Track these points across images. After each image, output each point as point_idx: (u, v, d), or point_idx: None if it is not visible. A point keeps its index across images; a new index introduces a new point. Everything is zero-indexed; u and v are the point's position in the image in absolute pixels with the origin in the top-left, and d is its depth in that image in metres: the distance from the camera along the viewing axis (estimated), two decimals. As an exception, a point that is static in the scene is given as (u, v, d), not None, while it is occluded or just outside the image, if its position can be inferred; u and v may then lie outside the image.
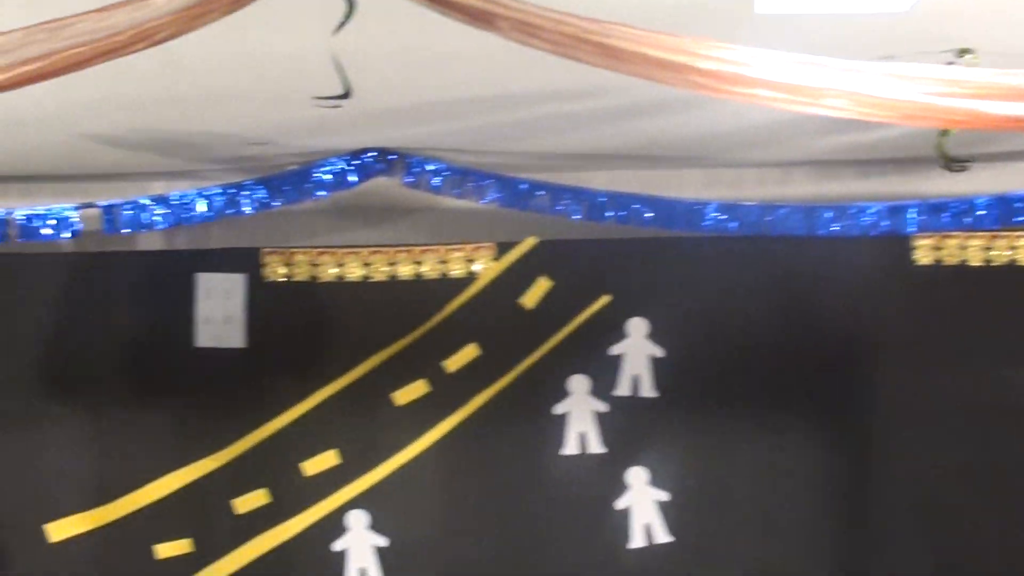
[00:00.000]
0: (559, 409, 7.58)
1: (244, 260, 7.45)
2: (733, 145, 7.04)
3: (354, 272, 7.51)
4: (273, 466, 7.43)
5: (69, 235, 7.18)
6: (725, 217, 7.33)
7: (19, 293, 7.34)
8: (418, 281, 7.54)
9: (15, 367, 7.33)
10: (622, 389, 7.61)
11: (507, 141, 6.89)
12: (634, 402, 7.62)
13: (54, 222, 7.12)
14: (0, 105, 4.62)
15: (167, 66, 4.94)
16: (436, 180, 7.16)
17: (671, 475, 7.63)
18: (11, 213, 7.14)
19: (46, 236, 7.15)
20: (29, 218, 7.14)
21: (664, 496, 7.60)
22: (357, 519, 7.46)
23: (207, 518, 7.41)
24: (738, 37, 4.03)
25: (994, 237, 7.44)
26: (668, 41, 3.96)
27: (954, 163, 6.91)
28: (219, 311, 7.40)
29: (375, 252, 7.54)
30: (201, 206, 7.14)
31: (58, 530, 7.30)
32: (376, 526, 7.47)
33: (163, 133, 6.43)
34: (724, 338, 7.61)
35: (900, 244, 7.46)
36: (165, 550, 7.34)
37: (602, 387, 7.61)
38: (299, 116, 6.08)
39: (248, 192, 7.14)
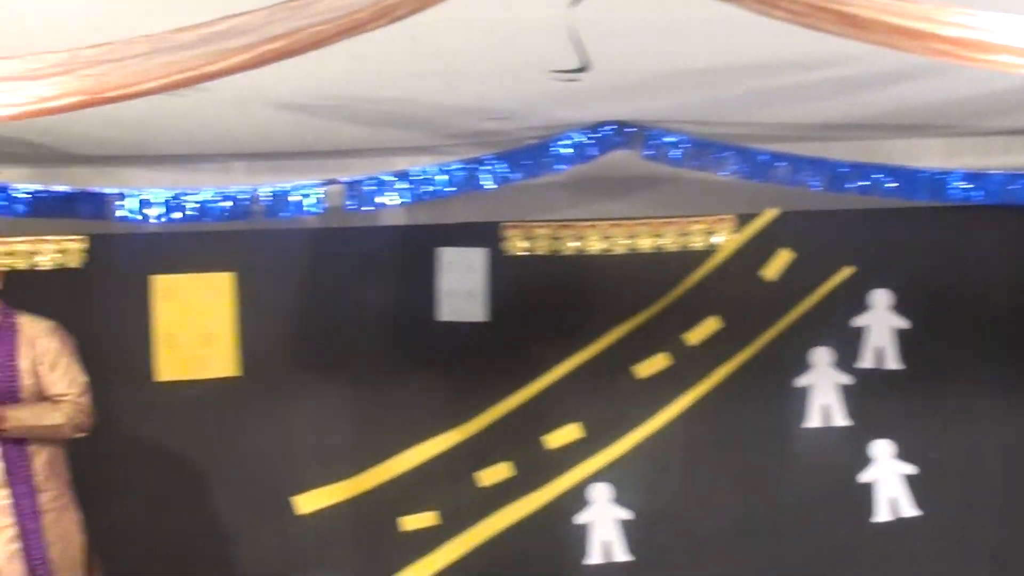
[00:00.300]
0: (801, 382, 7.52)
1: (485, 234, 7.52)
2: (976, 113, 6.88)
3: (594, 245, 7.53)
4: (516, 439, 7.48)
5: (314, 211, 7.34)
6: (970, 186, 7.20)
7: (265, 269, 7.48)
8: (658, 254, 7.53)
9: (264, 342, 7.48)
10: (866, 361, 7.52)
11: (746, 112, 6.83)
12: (879, 374, 7.52)
13: (299, 199, 7.28)
14: (244, 84, 4.72)
15: (407, 42, 5.00)
16: (675, 152, 7.13)
17: (918, 448, 7.52)
18: (257, 190, 7.32)
19: (292, 212, 7.32)
20: (275, 195, 7.31)
21: (911, 469, 7.48)
22: (600, 492, 7.48)
23: (452, 491, 7.49)
24: (979, 3, 3.94)
25: None
26: (909, 8, 3.89)
27: None
28: (461, 285, 7.46)
29: (615, 225, 7.54)
30: (442, 181, 7.21)
31: (306, 502, 7.45)
32: (619, 499, 7.49)
33: (404, 109, 6.50)
34: (970, 309, 7.47)
35: None
36: (411, 522, 7.44)
37: (845, 359, 7.53)
38: (538, 89, 6.09)
39: (488, 166, 7.20)
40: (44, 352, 6.26)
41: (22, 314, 6.33)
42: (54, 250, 7.32)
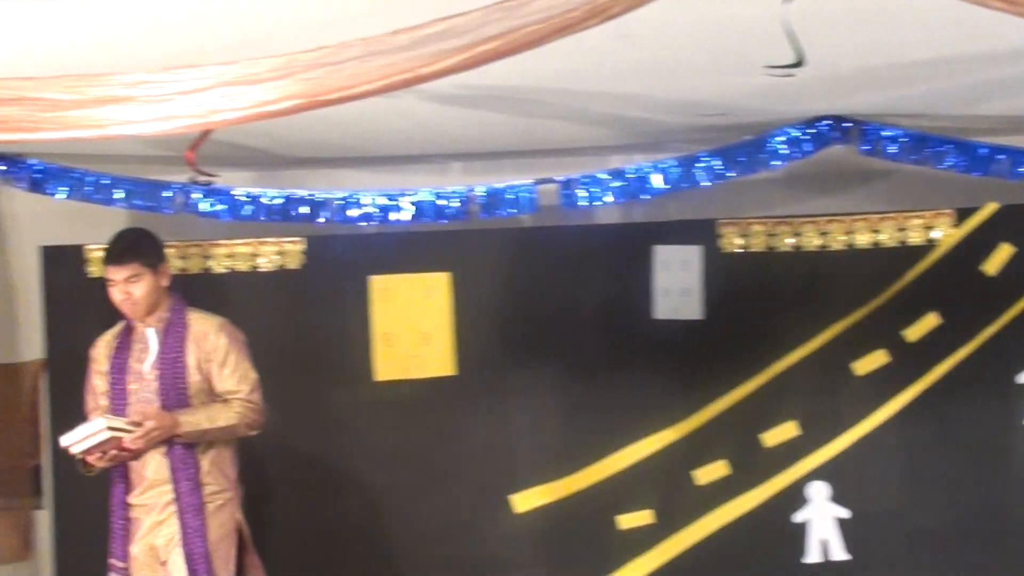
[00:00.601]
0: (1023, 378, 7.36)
1: (701, 231, 7.47)
2: None
3: (811, 242, 7.45)
4: (733, 437, 7.44)
5: (528, 210, 7.37)
6: None
7: (481, 268, 7.54)
8: (876, 249, 7.43)
9: (480, 342, 7.52)
10: (1092, 358, 7.34)
11: (965, 104, 6.70)
12: (1108, 371, 7.34)
13: (513, 198, 7.32)
14: (457, 83, 4.77)
15: (620, 40, 4.99)
16: (893, 147, 7.02)
17: None
18: (472, 190, 7.37)
19: (506, 212, 7.36)
20: (490, 194, 7.36)
21: None
22: (818, 491, 7.40)
23: (668, 489, 7.46)
24: None
25: None
26: None
27: None
28: (676, 283, 7.43)
29: (832, 221, 7.46)
30: (656, 179, 7.19)
31: (523, 501, 7.48)
32: (837, 497, 7.40)
33: (618, 107, 6.50)
34: None
35: None
36: (627, 521, 7.43)
37: (1070, 354, 7.36)
38: (753, 85, 6.05)
39: (703, 163, 7.16)
40: (213, 349, 6.30)
41: (193, 311, 6.40)
42: (274, 252, 7.45)
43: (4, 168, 7.29)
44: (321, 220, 7.44)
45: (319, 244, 7.51)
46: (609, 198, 7.23)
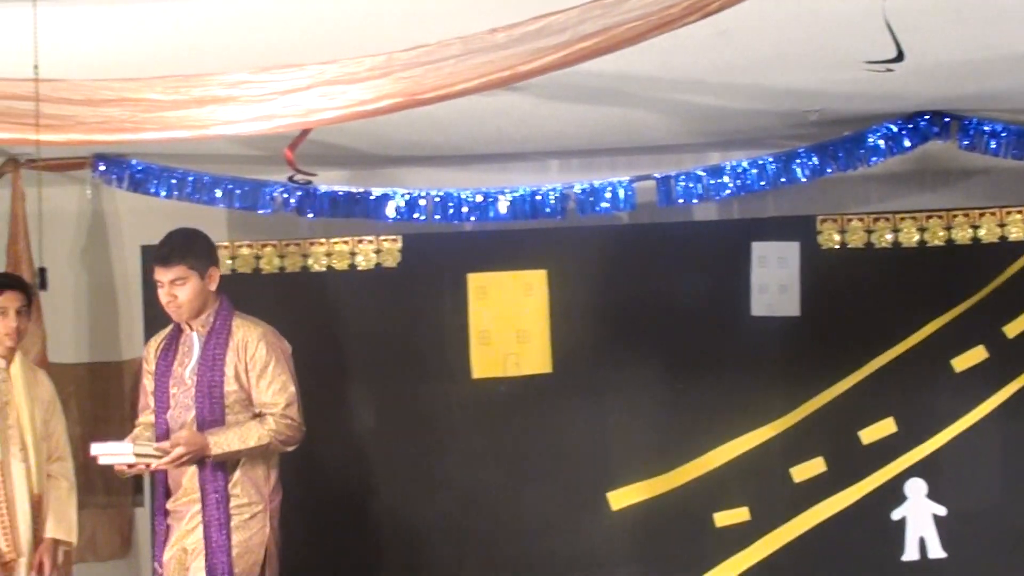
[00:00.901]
0: (1124, 375, 7.27)
1: (799, 228, 7.42)
2: None
3: (910, 238, 7.37)
4: (830, 434, 7.37)
5: (626, 207, 7.37)
6: None
7: (578, 266, 7.51)
8: (975, 245, 7.34)
9: (576, 339, 7.51)
10: None
11: (1067, 98, 6.65)
12: None
13: (611, 195, 7.32)
14: (554, 81, 4.78)
15: (719, 36, 4.99)
16: (993, 142, 6.98)
17: None
18: (570, 187, 7.38)
19: (604, 209, 7.36)
20: (587, 191, 7.36)
21: None
22: (916, 488, 7.33)
23: (764, 487, 7.42)
24: None
25: None
26: None
27: None
28: (774, 279, 7.39)
29: (931, 216, 7.38)
30: (754, 175, 7.18)
31: (619, 498, 7.47)
32: (934, 495, 7.33)
33: (716, 103, 6.48)
34: None
35: None
36: (724, 518, 7.40)
37: None
38: (852, 80, 6.02)
39: (802, 159, 7.14)
40: (252, 359, 6.15)
41: (239, 317, 6.27)
42: (371, 250, 7.47)
43: (105, 168, 7.38)
44: (418, 218, 7.48)
45: (416, 242, 7.53)
46: (707, 195, 7.23)
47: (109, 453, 5.96)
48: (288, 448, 6.23)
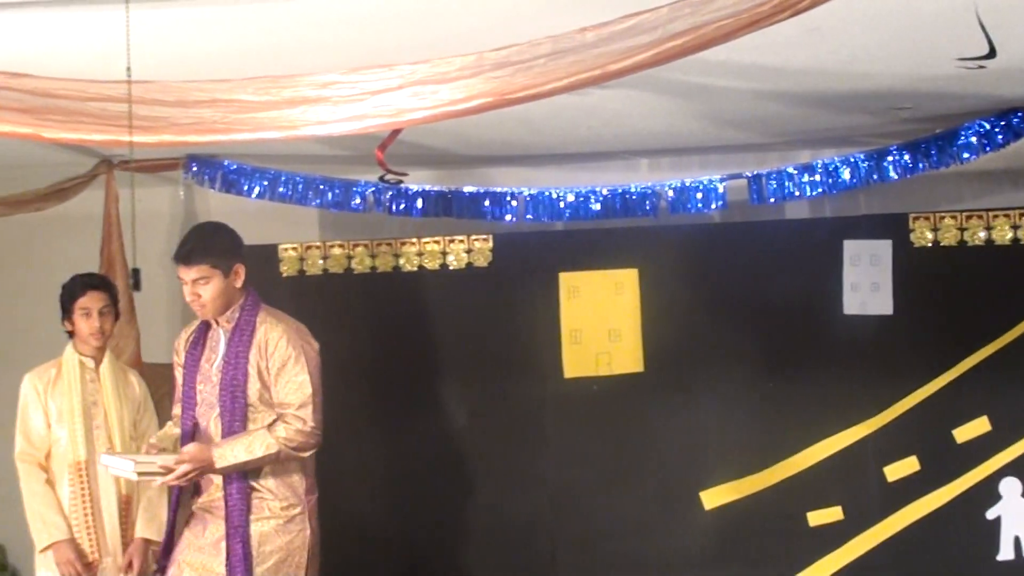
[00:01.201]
0: None
1: (891, 225, 7.38)
2: None
3: (1003, 235, 7.31)
4: (924, 433, 7.33)
5: (717, 206, 7.35)
6: None
7: (669, 265, 7.49)
8: (1071, 243, 7.30)
9: (667, 338, 7.49)
10: None
11: None
12: None
13: (702, 194, 7.31)
14: (645, 80, 4.77)
15: (809, 34, 4.96)
16: (1089, 139, 6.92)
17: None
18: (662, 186, 7.37)
19: (695, 208, 7.35)
20: (678, 191, 7.35)
21: None
22: (1011, 487, 7.27)
23: (857, 486, 7.38)
24: None
25: None
26: None
27: None
28: (866, 278, 7.35)
29: (1025, 213, 7.35)
30: (846, 173, 7.16)
31: (712, 497, 7.45)
32: (1030, 494, 7.29)
33: (807, 101, 6.45)
34: None
35: None
36: (817, 517, 7.37)
37: None
38: (944, 77, 5.97)
39: (893, 157, 7.10)
40: (272, 356, 5.86)
41: (266, 313, 5.96)
42: (462, 249, 7.49)
43: (197, 168, 7.44)
44: (509, 217, 7.50)
45: (507, 241, 7.55)
46: (798, 193, 7.21)
47: (116, 467, 5.87)
48: (301, 455, 5.88)
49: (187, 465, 5.70)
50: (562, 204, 7.45)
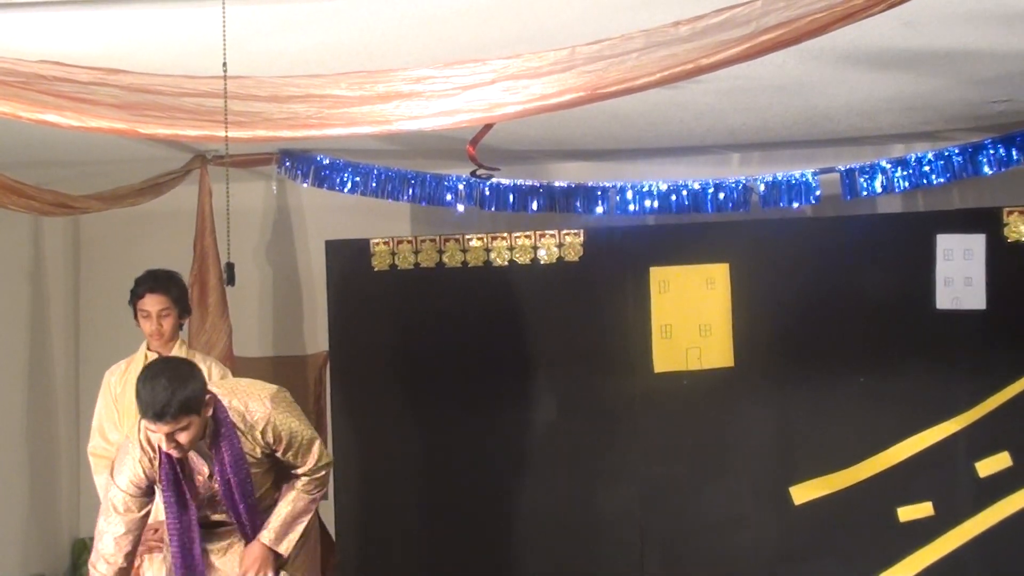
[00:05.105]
0: None
1: (985, 220, 7.30)
2: None
3: (1097, 227, 7.26)
4: (1016, 428, 7.26)
5: (809, 200, 7.32)
6: None
7: (760, 259, 7.45)
8: None
9: (758, 333, 7.47)
10: None
11: None
12: None
13: (794, 188, 7.29)
14: (737, 74, 4.76)
15: (906, 26, 4.93)
16: None
17: None
18: (754, 180, 7.35)
19: (787, 202, 7.32)
20: (770, 184, 7.33)
21: None
22: (1101, 482, 7.22)
23: (949, 481, 7.33)
24: None
25: None
26: None
27: None
28: (959, 272, 7.29)
29: None
30: (940, 167, 7.11)
31: (801, 493, 7.42)
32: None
33: (901, 95, 6.41)
34: None
35: None
36: (907, 513, 7.32)
37: None
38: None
39: (988, 151, 7.05)
40: (270, 439, 5.48)
41: (227, 402, 5.45)
42: (553, 243, 7.49)
43: (290, 163, 7.49)
44: (600, 211, 7.51)
45: (598, 236, 7.54)
46: (891, 187, 7.17)
47: None
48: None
49: (251, 572, 5.62)
50: (653, 198, 7.44)
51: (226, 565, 5.75)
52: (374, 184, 7.43)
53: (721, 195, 7.38)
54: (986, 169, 7.04)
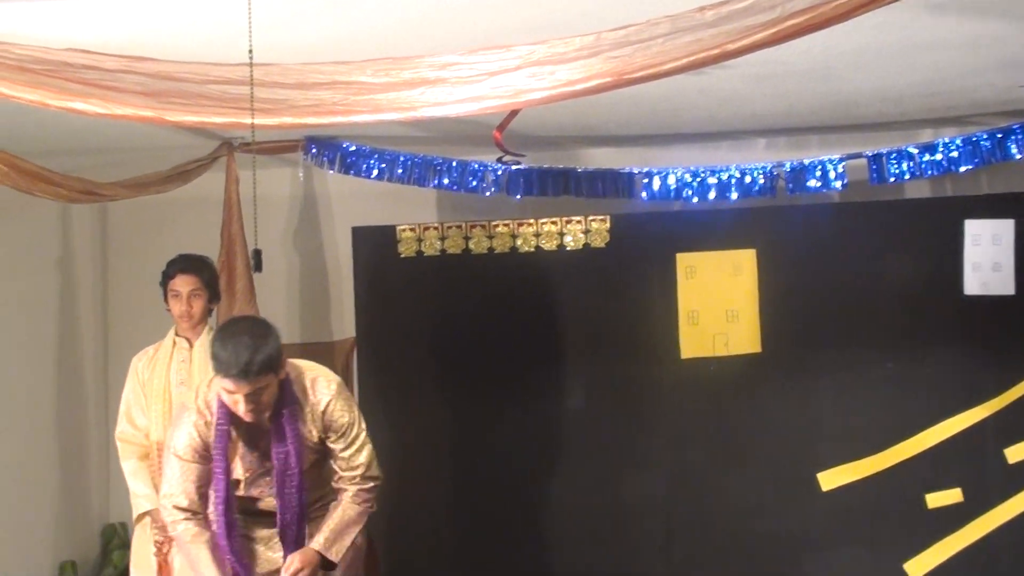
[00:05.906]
0: None
1: (1013, 205, 7.29)
2: None
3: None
4: (1045, 415, 7.27)
5: (836, 186, 7.29)
6: None
7: (787, 245, 7.47)
8: None
9: (785, 319, 7.47)
10: None
11: None
12: None
13: (820, 173, 7.26)
14: (762, 59, 4.74)
15: (930, 11, 4.91)
16: None
17: None
18: (781, 166, 7.33)
19: (814, 188, 7.30)
20: (796, 170, 7.31)
21: None
22: None
23: (978, 468, 7.32)
24: None
25: None
26: None
27: None
28: (988, 258, 7.27)
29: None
30: (968, 152, 7.08)
31: (829, 479, 7.41)
32: None
33: (928, 79, 6.37)
34: None
35: None
36: (936, 499, 7.31)
37: None
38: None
39: (1016, 136, 7.02)
40: (328, 423, 5.48)
41: (295, 374, 5.46)
42: (580, 230, 7.49)
43: (316, 150, 7.50)
44: (626, 198, 7.49)
45: (624, 222, 7.54)
46: (919, 173, 7.14)
47: None
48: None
49: (299, 565, 5.50)
50: (679, 184, 7.43)
51: (267, 554, 5.72)
52: (400, 171, 7.42)
53: (747, 180, 7.35)
54: (1015, 153, 7.00)
